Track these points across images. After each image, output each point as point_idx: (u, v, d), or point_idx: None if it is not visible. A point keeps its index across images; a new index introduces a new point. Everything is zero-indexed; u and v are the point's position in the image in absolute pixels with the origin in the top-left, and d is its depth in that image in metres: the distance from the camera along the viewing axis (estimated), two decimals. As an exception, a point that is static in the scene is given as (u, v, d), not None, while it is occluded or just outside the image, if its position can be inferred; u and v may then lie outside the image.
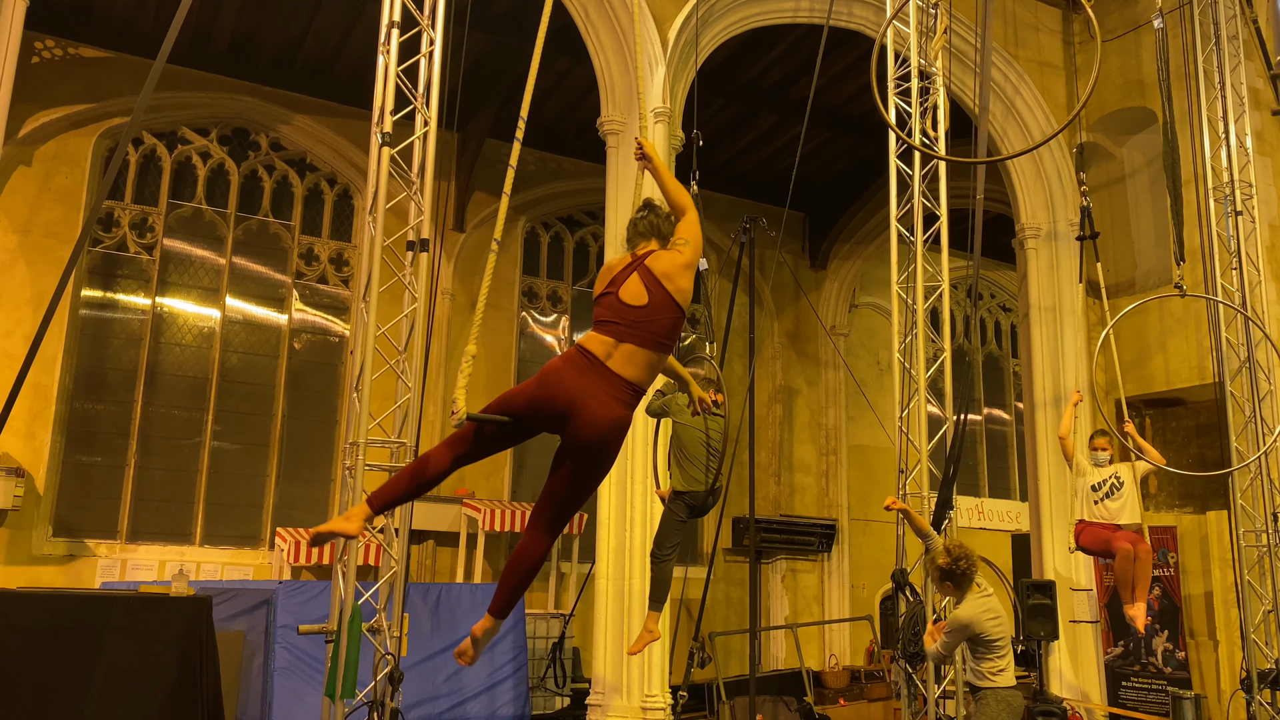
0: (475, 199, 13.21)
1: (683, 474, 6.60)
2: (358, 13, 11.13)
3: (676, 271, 3.68)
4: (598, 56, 9.70)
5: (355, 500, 6.42)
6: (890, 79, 9.21)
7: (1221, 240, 9.71)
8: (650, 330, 3.60)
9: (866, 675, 11.04)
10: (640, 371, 3.58)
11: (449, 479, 13.40)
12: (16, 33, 7.59)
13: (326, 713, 6.27)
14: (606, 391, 3.50)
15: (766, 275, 15.18)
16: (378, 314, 6.71)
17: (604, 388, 3.51)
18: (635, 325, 3.59)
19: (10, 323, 10.73)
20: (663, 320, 3.62)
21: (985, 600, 5.78)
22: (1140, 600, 7.81)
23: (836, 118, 13.11)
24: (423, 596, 8.77)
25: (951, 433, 8.39)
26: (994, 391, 17.80)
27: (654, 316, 3.62)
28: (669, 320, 3.63)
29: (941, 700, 8.18)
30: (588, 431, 3.48)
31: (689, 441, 6.58)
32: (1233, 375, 9.46)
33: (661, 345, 3.63)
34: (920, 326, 8.85)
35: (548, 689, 9.93)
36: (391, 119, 6.89)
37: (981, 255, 7.55)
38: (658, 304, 3.63)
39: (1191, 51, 9.94)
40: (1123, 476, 8.10)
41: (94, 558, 10.93)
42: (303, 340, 12.65)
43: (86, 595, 7.96)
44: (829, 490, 15.59)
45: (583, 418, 3.46)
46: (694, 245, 3.77)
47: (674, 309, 3.64)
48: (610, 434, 3.52)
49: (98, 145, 11.58)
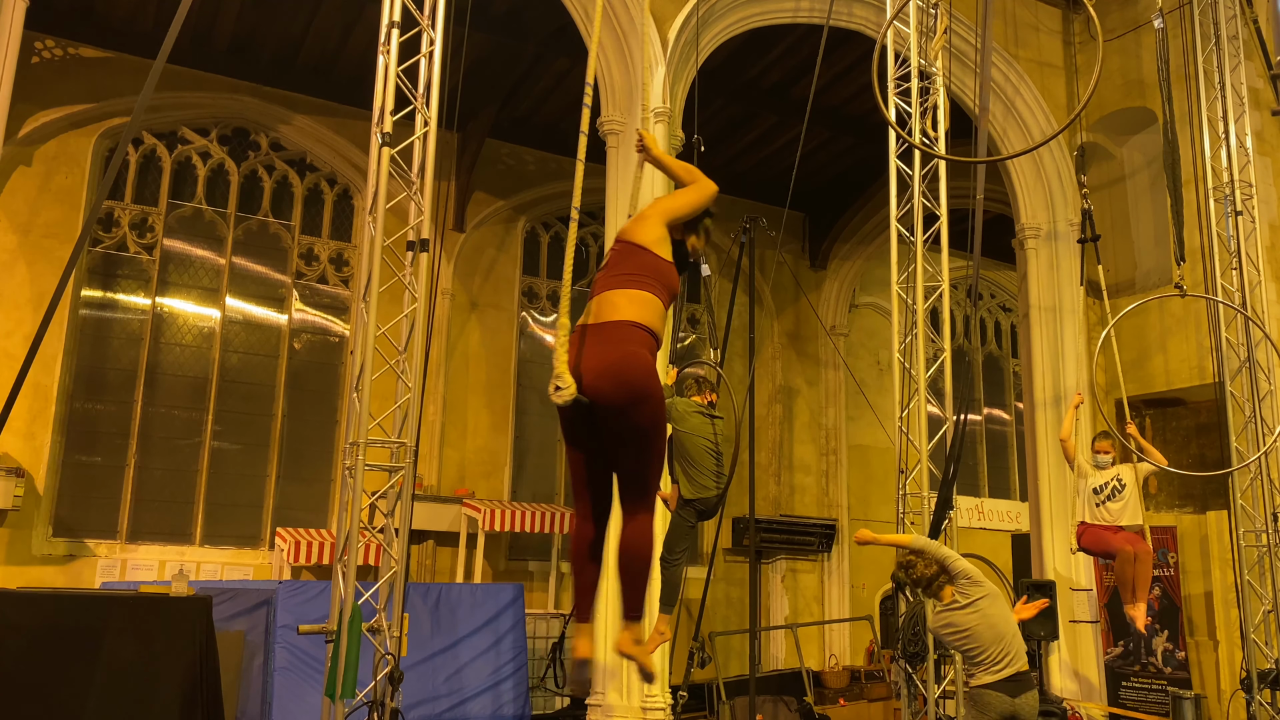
0: (475, 199, 13.22)
1: (690, 483, 6.41)
2: (358, 13, 11.13)
3: (635, 226, 3.56)
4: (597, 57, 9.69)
5: (355, 500, 6.42)
6: (890, 79, 9.21)
7: (1221, 240, 9.70)
8: (618, 271, 3.42)
9: (866, 675, 11.03)
10: (622, 310, 3.31)
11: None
12: (16, 33, 7.59)
13: (326, 713, 6.27)
14: (599, 343, 3.25)
15: (766, 275, 15.18)
16: (378, 314, 6.71)
17: (594, 342, 3.26)
18: (605, 279, 3.44)
19: (10, 323, 10.73)
20: (629, 262, 3.44)
21: (947, 614, 5.74)
22: (1141, 600, 7.82)
23: (836, 118, 13.11)
24: (423, 596, 8.77)
25: (951, 433, 8.39)
26: (994, 391, 17.80)
27: (620, 262, 3.46)
28: (635, 260, 3.44)
29: (941, 700, 8.18)
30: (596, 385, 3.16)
31: (693, 449, 6.40)
32: (1233, 375, 9.46)
33: (632, 279, 3.38)
34: (920, 326, 8.85)
35: (548, 689, 9.92)
36: (391, 119, 6.89)
37: (981, 255, 7.55)
38: (620, 254, 3.49)
39: (1191, 51, 9.94)
40: (1124, 478, 8.10)
41: (94, 558, 10.93)
42: (303, 340, 12.65)
43: (86, 595, 7.96)
44: (829, 490, 15.59)
45: (588, 379, 3.16)
46: (662, 204, 3.64)
47: (638, 250, 3.46)
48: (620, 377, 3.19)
49: (98, 145, 11.58)
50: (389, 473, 6.68)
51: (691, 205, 3.64)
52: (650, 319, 3.36)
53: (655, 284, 3.42)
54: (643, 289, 3.38)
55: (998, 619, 5.66)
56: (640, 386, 3.22)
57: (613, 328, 3.29)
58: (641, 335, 3.31)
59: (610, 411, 3.23)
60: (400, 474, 6.66)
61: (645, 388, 3.23)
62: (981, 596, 5.69)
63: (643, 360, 3.25)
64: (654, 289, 3.41)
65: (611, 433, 3.28)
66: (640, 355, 3.25)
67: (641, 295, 3.37)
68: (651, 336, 3.35)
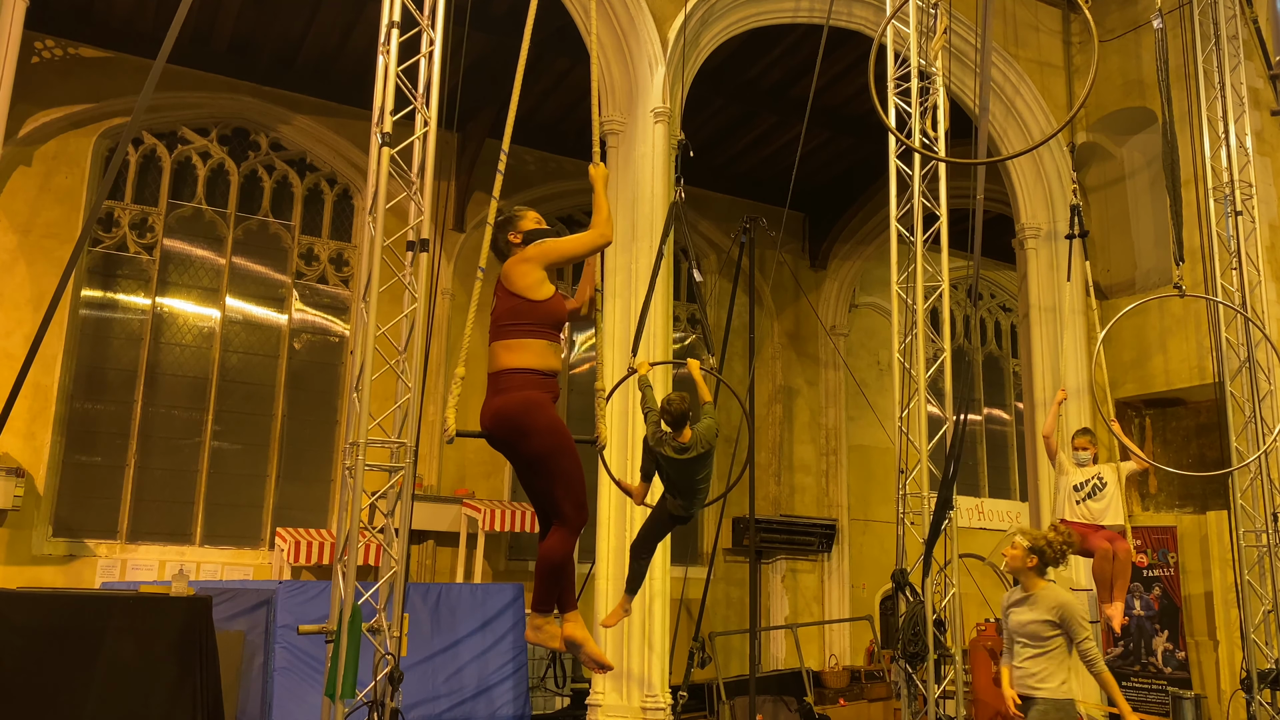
0: (475, 199, 13.21)
1: (671, 500, 6.10)
2: (358, 13, 11.13)
3: (511, 270, 3.94)
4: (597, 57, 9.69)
5: (355, 500, 6.41)
6: (890, 79, 9.21)
7: (1221, 240, 9.71)
8: (497, 323, 3.92)
9: (866, 675, 11.03)
10: (501, 360, 3.87)
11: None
12: (16, 33, 7.59)
13: (326, 713, 6.27)
14: (491, 392, 3.88)
15: (766, 275, 15.18)
16: (378, 314, 6.70)
17: (490, 390, 3.89)
18: (491, 328, 3.96)
19: (10, 323, 10.73)
20: (503, 310, 3.90)
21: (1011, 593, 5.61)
22: (1119, 600, 7.78)
23: (836, 118, 13.11)
24: (423, 596, 8.77)
25: (951, 433, 8.39)
26: (994, 391, 17.80)
27: (498, 311, 3.94)
28: (507, 307, 3.89)
29: (941, 700, 8.18)
30: (490, 428, 3.88)
31: (678, 478, 5.96)
32: (1233, 375, 9.46)
33: (506, 330, 3.87)
34: (920, 326, 8.85)
35: (548, 689, 9.93)
36: (391, 119, 6.88)
37: (981, 255, 7.53)
38: (499, 299, 3.96)
39: (1191, 51, 9.94)
40: (1106, 477, 8.04)
41: (94, 558, 10.93)
42: (303, 340, 12.65)
43: (86, 595, 7.95)
44: (829, 490, 15.59)
45: (485, 423, 3.89)
46: (547, 245, 3.97)
47: (509, 297, 3.89)
48: (503, 419, 3.80)
49: (98, 145, 11.58)
50: (389, 473, 6.67)
51: (573, 252, 3.95)
52: (527, 360, 3.84)
53: (529, 326, 3.85)
54: (517, 336, 3.85)
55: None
56: (520, 424, 3.78)
57: (496, 378, 3.86)
58: (522, 379, 3.81)
59: (505, 446, 3.88)
60: (400, 474, 6.66)
61: (525, 425, 3.78)
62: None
63: (520, 401, 3.77)
64: (528, 332, 3.85)
65: (518, 464, 3.94)
66: (517, 399, 3.78)
67: (516, 343, 3.85)
68: (533, 375, 3.84)
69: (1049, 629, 5.32)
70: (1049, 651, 5.33)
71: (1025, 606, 5.46)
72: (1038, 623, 5.35)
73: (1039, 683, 5.31)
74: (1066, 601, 5.39)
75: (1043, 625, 5.33)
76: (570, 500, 3.92)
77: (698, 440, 5.84)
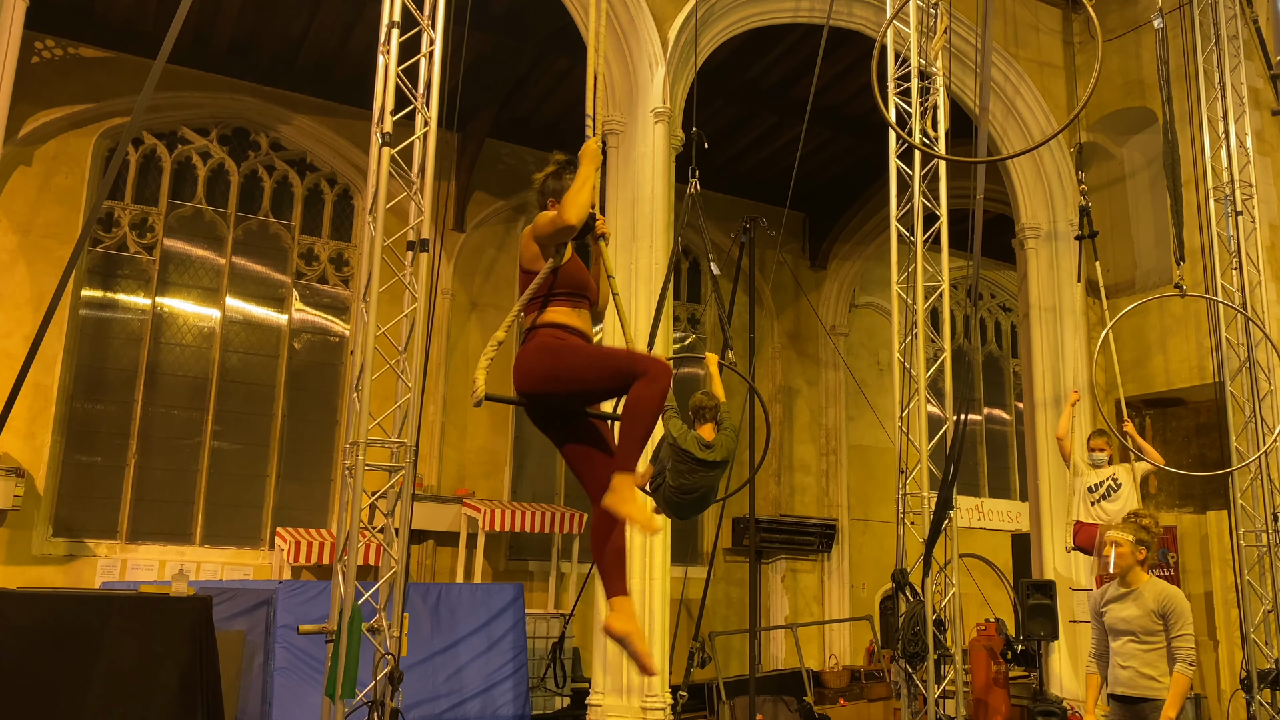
0: (475, 199, 13.22)
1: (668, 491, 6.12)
2: (358, 13, 11.13)
3: (520, 245, 4.00)
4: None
5: (355, 500, 6.42)
6: (890, 79, 9.21)
7: (1221, 240, 9.70)
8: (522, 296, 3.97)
9: (866, 675, 11.03)
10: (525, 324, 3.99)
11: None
12: (16, 33, 7.59)
13: (326, 713, 6.27)
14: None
15: (766, 275, 15.18)
16: (378, 314, 6.71)
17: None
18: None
19: (10, 323, 10.73)
20: (523, 284, 3.96)
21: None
22: None
23: (836, 118, 13.11)
24: (423, 596, 8.77)
25: (951, 433, 8.39)
26: (994, 391, 17.80)
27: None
28: (524, 282, 3.94)
29: (941, 700, 8.18)
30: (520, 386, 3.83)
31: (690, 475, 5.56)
32: (1233, 375, 9.46)
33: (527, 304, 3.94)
34: (920, 326, 8.85)
35: (548, 689, 9.93)
36: (391, 119, 6.89)
37: (981, 255, 7.54)
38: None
39: (1191, 51, 9.94)
40: (1120, 478, 8.07)
41: (94, 558, 10.93)
42: (303, 340, 12.65)
43: (86, 595, 7.95)
44: (829, 490, 15.59)
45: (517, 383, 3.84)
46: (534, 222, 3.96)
47: (522, 274, 3.95)
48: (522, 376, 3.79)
49: (98, 145, 11.58)
50: (389, 473, 6.68)
51: (542, 231, 3.88)
52: (545, 318, 3.89)
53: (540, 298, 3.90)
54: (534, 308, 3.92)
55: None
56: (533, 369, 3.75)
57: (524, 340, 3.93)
58: (536, 334, 3.85)
59: (542, 400, 3.80)
60: (400, 474, 6.66)
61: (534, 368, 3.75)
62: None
63: (525, 350, 3.81)
64: (544, 301, 3.90)
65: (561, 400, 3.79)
66: (528, 347, 3.82)
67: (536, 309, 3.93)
68: (545, 327, 3.85)
69: (1155, 622, 5.19)
70: (1158, 647, 5.19)
71: (1129, 601, 5.29)
72: (1144, 616, 5.21)
73: (1161, 675, 5.14)
74: (1173, 594, 5.26)
75: (1150, 619, 5.20)
76: (631, 364, 3.46)
77: (719, 446, 5.76)
